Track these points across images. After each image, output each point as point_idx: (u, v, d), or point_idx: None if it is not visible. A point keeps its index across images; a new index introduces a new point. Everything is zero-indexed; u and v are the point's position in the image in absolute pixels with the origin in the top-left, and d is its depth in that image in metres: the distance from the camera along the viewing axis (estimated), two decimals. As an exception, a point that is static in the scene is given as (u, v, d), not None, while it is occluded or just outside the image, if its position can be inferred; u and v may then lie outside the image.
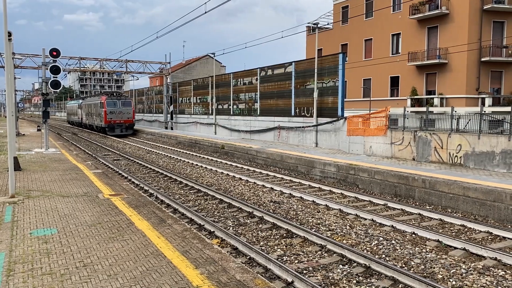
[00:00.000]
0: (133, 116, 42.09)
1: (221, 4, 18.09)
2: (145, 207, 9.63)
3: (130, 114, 41.46)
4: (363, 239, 9.22)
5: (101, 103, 41.16)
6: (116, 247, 6.81)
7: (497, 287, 6.83)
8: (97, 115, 43.24)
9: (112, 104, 40.71)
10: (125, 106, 41.30)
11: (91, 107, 46.52)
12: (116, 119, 40.48)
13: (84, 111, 51.52)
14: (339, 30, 43.47)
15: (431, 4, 33.54)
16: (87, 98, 55.09)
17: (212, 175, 17.72)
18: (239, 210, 11.75)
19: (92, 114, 46.18)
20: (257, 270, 7.35)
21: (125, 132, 41.15)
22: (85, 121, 51.00)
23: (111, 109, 40.27)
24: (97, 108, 43.12)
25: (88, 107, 48.94)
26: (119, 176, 16.75)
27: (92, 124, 46.72)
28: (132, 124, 41.99)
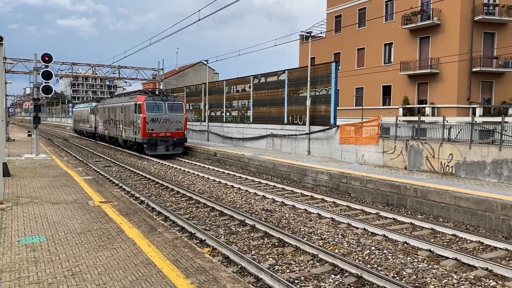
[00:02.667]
0: (185, 126, 27.87)
1: (215, 12, 18.14)
2: (135, 214, 9.53)
3: (181, 124, 27.36)
4: (355, 248, 9.19)
5: (137, 106, 27.28)
6: (105, 255, 6.71)
7: (488, 297, 6.82)
8: (126, 123, 29.71)
9: (154, 107, 26.79)
10: (174, 111, 27.28)
11: (115, 112, 32.70)
12: (160, 131, 26.66)
13: (101, 117, 37.64)
14: (332, 39, 43.75)
15: (423, 15, 33.90)
16: (106, 100, 40.36)
17: (204, 182, 17.63)
18: (231, 218, 11.67)
19: (116, 122, 32.64)
20: (249, 280, 7.28)
21: (173, 150, 27.02)
22: (102, 131, 37.20)
23: (153, 115, 26.57)
24: (127, 114, 29.51)
25: (109, 112, 34.75)
26: (110, 182, 16.60)
27: (115, 136, 33.06)
28: (183, 139, 27.49)
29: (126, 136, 30.05)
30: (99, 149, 33.46)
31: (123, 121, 30.39)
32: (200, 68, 69.21)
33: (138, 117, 26.92)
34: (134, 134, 27.83)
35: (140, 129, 26.53)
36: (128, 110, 29.23)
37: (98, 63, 42.71)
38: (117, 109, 32.17)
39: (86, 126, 45.04)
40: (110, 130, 34.64)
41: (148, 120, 26.32)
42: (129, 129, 28.97)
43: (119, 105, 31.77)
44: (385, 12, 37.93)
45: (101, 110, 37.74)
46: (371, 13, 38.39)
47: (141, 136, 26.54)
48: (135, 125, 27.54)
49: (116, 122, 32.48)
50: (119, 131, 31.69)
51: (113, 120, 33.41)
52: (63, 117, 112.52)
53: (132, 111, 28.25)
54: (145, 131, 26.33)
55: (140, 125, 26.59)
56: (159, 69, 44.80)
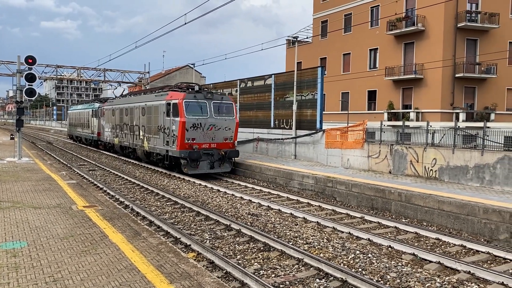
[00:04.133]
0: (235, 135, 20.78)
1: (202, 15, 18.12)
2: (120, 219, 9.43)
3: (231, 131, 20.41)
4: (340, 252, 9.23)
5: (171, 107, 19.87)
6: (88, 261, 6.62)
7: (470, 301, 6.90)
8: (152, 130, 22.12)
9: (196, 108, 19.62)
10: (223, 114, 20.25)
11: (132, 115, 25.09)
12: (203, 141, 19.67)
13: (109, 121, 30.34)
14: (319, 44, 44.05)
15: (408, 21, 34.37)
16: (115, 99, 31.05)
17: (190, 187, 17.54)
18: (217, 222, 11.63)
19: (132, 127, 25.06)
20: (234, 285, 7.26)
21: (219, 168, 20.03)
22: (110, 138, 29.88)
23: (195, 119, 19.34)
24: (153, 117, 22.04)
25: (121, 114, 27.31)
26: (94, 187, 16.41)
27: (131, 146, 25.65)
28: (234, 153, 20.34)
29: (150, 147, 22.37)
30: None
31: (146, 127, 22.83)
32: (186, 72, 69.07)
33: (173, 121, 19.61)
34: (165, 145, 20.39)
35: (177, 138, 19.20)
36: (154, 112, 21.79)
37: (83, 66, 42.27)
38: (135, 110, 24.66)
39: (86, 131, 37.63)
40: (122, 138, 27.09)
41: (188, 126, 18.99)
42: (156, 138, 21.41)
43: (139, 105, 24.19)
44: (371, 18, 38.36)
45: (108, 112, 30.52)
46: (356, 18, 38.78)
47: (178, 149, 19.14)
48: (167, 132, 20.11)
49: (133, 128, 24.97)
50: (138, 140, 24.11)
51: (128, 125, 25.86)
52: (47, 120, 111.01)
53: (162, 113, 20.76)
54: (183, 141, 19.04)
55: (176, 133, 19.29)
56: (145, 72, 44.56)
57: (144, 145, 23.46)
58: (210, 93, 20.16)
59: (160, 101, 21.22)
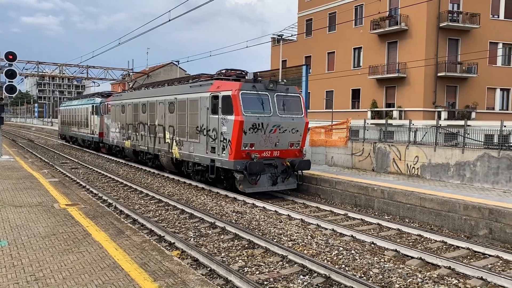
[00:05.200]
0: (304, 139, 15.99)
1: (186, 12, 18.07)
2: (103, 217, 9.35)
3: (298, 134, 15.53)
4: (323, 249, 9.31)
5: (221, 101, 14.91)
6: (71, 259, 6.55)
7: (451, 295, 7.04)
8: (185, 132, 17.28)
9: (256, 103, 14.70)
10: (289, 112, 15.37)
11: (155, 112, 20.13)
12: (264, 147, 14.82)
13: (117, 119, 25.21)
14: (303, 43, 44.21)
15: (391, 20, 34.72)
16: (125, 93, 25.88)
17: (174, 185, 17.46)
18: (201, 220, 11.62)
19: (153, 128, 20.20)
20: (218, 282, 7.27)
21: (283, 184, 15.39)
22: (119, 140, 24.91)
23: (255, 118, 14.44)
24: (188, 114, 17.12)
25: (136, 111, 22.27)
26: (77, 185, 16.22)
27: (152, 152, 20.59)
28: (305, 163, 15.46)
29: (183, 154, 17.33)
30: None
31: (176, 128, 17.80)
32: (171, 69, 68.61)
33: (223, 121, 14.60)
34: (210, 153, 15.33)
35: (229, 144, 14.35)
36: (191, 108, 16.60)
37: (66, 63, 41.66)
38: (159, 106, 19.48)
39: (84, 131, 32.51)
40: (137, 141, 21.97)
41: (246, 127, 14.09)
42: (194, 143, 16.39)
43: (165, 99, 18.89)
44: (355, 16, 38.64)
45: (115, 109, 25.41)
46: (341, 17, 39.02)
47: (232, 158, 14.26)
48: (213, 135, 15.13)
49: (155, 129, 19.85)
50: (163, 144, 19.13)
51: (147, 124, 20.74)
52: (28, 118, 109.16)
53: (204, 109, 15.68)
54: (239, 148, 14.17)
55: (228, 137, 14.39)
56: (129, 69, 44.15)
57: (172, 151, 18.12)
58: (272, 83, 14.91)
59: (201, 93, 15.87)
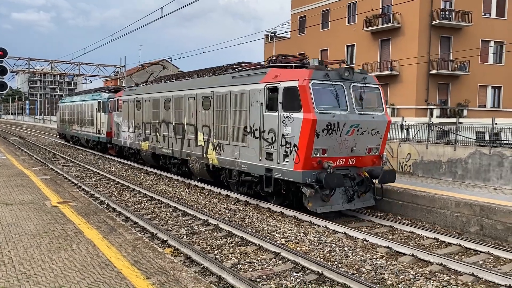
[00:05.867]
0: (384, 144, 12.60)
1: (178, 9, 17.95)
2: (95, 215, 9.30)
3: (379, 136, 12.23)
4: (316, 246, 9.33)
5: (283, 95, 11.53)
6: (62, 257, 6.51)
7: (442, 291, 7.09)
8: (231, 134, 13.85)
9: (330, 97, 11.34)
10: (368, 107, 12.18)
11: (183, 108, 16.83)
12: (338, 154, 11.52)
13: (129, 117, 21.89)
14: (297, 40, 44.20)
15: (384, 18, 34.82)
16: (139, 87, 21.91)
17: (167, 182, 17.41)
18: (194, 218, 11.59)
19: (178, 128, 17.16)
20: (211, 280, 7.26)
21: (359, 201, 12.03)
22: (133, 141, 21.52)
23: (330, 116, 11.12)
24: (238, 113, 13.51)
25: (159, 106, 18.76)
26: (69, 182, 16.11)
27: (179, 156, 17.27)
28: (389, 174, 12.24)
29: (223, 161, 14.21)
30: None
31: (213, 128, 14.69)
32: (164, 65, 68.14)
33: (285, 120, 11.48)
34: (266, 160, 12.21)
35: (295, 149, 11.21)
36: (236, 103, 13.53)
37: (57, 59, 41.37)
38: (188, 101, 16.24)
39: (88, 130, 29.33)
40: (158, 142, 18.68)
41: (320, 128, 11.01)
42: (241, 147, 13.25)
43: (197, 93, 15.67)
44: (348, 14, 38.69)
45: (128, 105, 21.90)
46: (334, 15, 39.06)
47: (298, 168, 11.16)
48: (270, 138, 12.04)
49: (183, 129, 16.69)
50: (194, 147, 15.91)
51: (171, 123, 17.50)
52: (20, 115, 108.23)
53: (256, 104, 12.57)
54: (309, 156, 11.09)
55: (294, 141, 11.25)
56: (121, 66, 43.92)
57: (208, 157, 15.01)
58: (348, 71, 11.63)
59: (250, 85, 12.78)
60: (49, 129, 56.64)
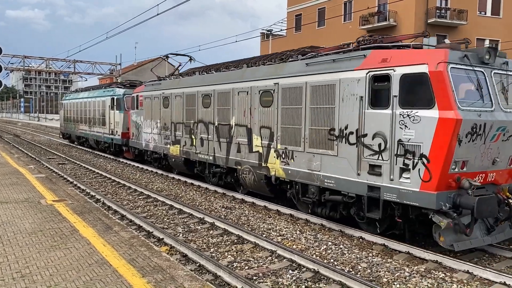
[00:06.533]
0: None
1: (175, 6, 17.86)
2: (90, 213, 9.28)
3: None
4: (312, 244, 9.35)
5: (401, 85, 8.43)
6: (58, 255, 6.49)
7: (437, 289, 7.13)
8: (310, 138, 10.56)
9: (471, 88, 8.31)
10: None
11: (229, 105, 13.68)
12: (478, 168, 8.39)
13: (158, 117, 18.38)
14: (293, 38, 44.20)
15: (380, 16, 34.91)
16: (166, 80, 18.58)
17: (163, 180, 17.38)
18: (190, 216, 11.59)
19: (229, 130, 13.74)
20: (207, 278, 7.26)
21: (503, 232, 8.96)
22: (158, 145, 18.37)
23: (475, 115, 7.99)
24: (319, 111, 10.31)
25: (194, 103, 15.56)
26: (64, 180, 16.06)
27: (224, 164, 14.10)
28: None
29: (293, 172, 11.26)
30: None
31: (276, 130, 11.78)
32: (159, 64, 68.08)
33: (406, 119, 8.42)
34: (369, 175, 9.16)
35: (424, 162, 8.12)
36: (314, 98, 10.49)
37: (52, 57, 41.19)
38: (240, 97, 13.25)
39: (98, 130, 26.16)
40: (194, 147, 15.60)
41: (463, 132, 7.94)
42: (325, 156, 10.22)
43: (253, 86, 12.67)
44: (344, 12, 38.75)
45: (151, 103, 18.76)
46: (330, 13, 39.08)
47: (430, 189, 8.06)
48: (374, 145, 9.05)
49: (230, 131, 13.73)
50: (248, 155, 12.99)
51: (213, 124, 14.53)
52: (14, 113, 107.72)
53: (351, 99, 9.55)
54: (446, 171, 8.03)
55: (422, 149, 8.17)
56: (117, 63, 43.80)
57: (269, 166, 12.00)
58: (490, 52, 8.71)
59: (340, 72, 9.84)
60: (44, 127, 56.43)
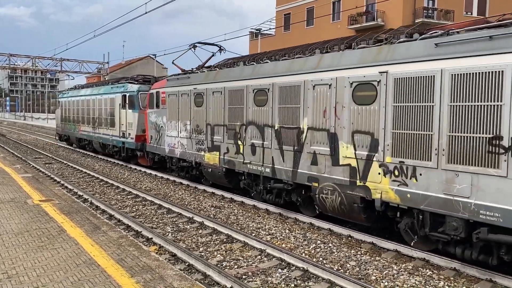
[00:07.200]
0: None
1: (162, 5, 17.76)
2: (78, 213, 9.19)
3: None
4: (301, 242, 9.38)
5: None
6: (45, 256, 6.42)
7: (425, 286, 7.21)
8: (493, 156, 6.94)
9: None
10: None
11: (299, 102, 10.46)
12: None
13: (186, 117, 15.31)
14: (281, 37, 44.24)
15: (368, 16, 35.12)
16: (198, 72, 15.24)
17: (152, 180, 17.29)
18: (179, 215, 11.55)
19: (297, 134, 10.60)
20: (196, 277, 7.24)
21: None
22: (187, 151, 15.28)
23: None
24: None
25: (245, 101, 12.35)
26: (51, 180, 15.89)
27: (288, 178, 10.90)
28: None
29: (412, 196, 8.14)
30: None
31: (372, 135, 8.87)
32: (147, 62, 67.82)
33: None
34: None
35: None
36: (451, 93, 7.55)
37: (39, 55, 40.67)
38: (315, 91, 10.11)
39: (105, 132, 23.17)
40: (242, 156, 12.64)
41: None
42: (482, 177, 7.12)
43: (329, 77, 9.75)
44: (332, 11, 38.90)
45: (178, 101, 15.84)
46: (318, 12, 39.21)
47: None
48: None
49: (299, 136, 10.59)
50: (331, 170, 9.75)
51: (273, 128, 11.41)
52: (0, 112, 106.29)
53: None
54: None
55: None
56: (104, 62, 43.44)
57: (368, 186, 8.99)
58: None
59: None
60: (30, 126, 55.73)
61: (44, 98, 68.54)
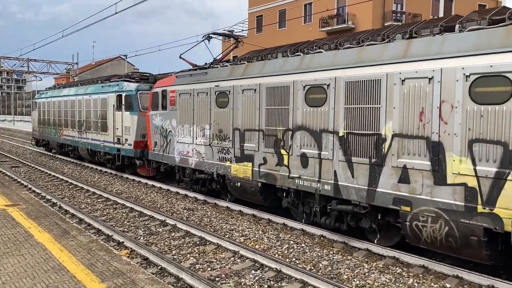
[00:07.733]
0: None
1: (133, 5, 17.54)
2: (46, 218, 8.96)
3: None
4: (274, 243, 9.43)
5: None
6: (11, 262, 6.23)
7: (395, 283, 7.36)
8: None
9: None
10: None
11: (389, 100, 8.06)
12: None
13: (207, 123, 12.86)
14: (254, 39, 44.35)
15: (339, 18, 35.65)
16: (234, 65, 12.33)
17: (123, 183, 17.01)
18: (151, 218, 11.41)
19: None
20: (169, 281, 7.17)
21: None
22: (205, 162, 12.94)
23: None
24: None
25: (286, 99, 10.15)
26: (18, 184, 15.41)
27: (358, 198, 8.66)
28: None
29: None
30: None
31: None
32: (118, 63, 66.73)
33: None
34: None
35: None
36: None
37: (4, 55, 39.41)
38: (404, 87, 7.86)
39: (94, 137, 20.30)
40: (290, 168, 10.18)
41: None
42: None
43: (430, 69, 7.47)
44: (304, 13, 39.28)
45: (191, 101, 13.57)
46: (290, 14, 39.54)
47: None
48: None
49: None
50: (425, 187, 7.59)
51: (330, 134, 9.20)
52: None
53: None
54: None
55: None
56: (73, 63, 42.51)
57: (501, 215, 6.58)
58: None
59: None
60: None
61: (10, 99, 66.49)
